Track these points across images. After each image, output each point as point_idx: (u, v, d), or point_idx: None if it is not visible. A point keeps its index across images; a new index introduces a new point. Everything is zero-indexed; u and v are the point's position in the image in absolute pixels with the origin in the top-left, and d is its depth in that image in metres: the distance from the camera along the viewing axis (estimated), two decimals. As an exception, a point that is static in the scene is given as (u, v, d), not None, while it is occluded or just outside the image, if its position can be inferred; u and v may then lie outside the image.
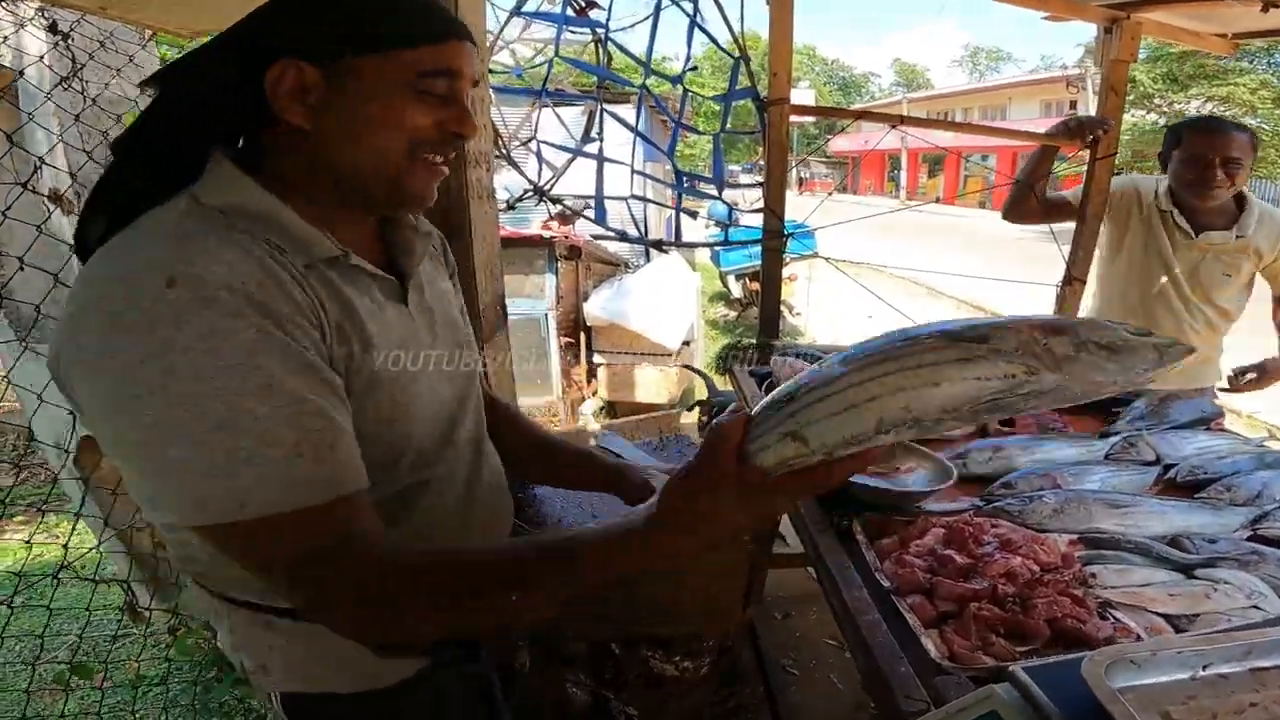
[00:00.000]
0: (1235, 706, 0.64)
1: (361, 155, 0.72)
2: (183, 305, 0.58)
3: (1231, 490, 1.26)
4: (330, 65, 0.69)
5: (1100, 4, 2.10)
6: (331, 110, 0.70)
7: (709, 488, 0.60)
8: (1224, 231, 2.00)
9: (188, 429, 0.58)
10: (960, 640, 0.90)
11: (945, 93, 33.36)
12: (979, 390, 0.54)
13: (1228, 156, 1.90)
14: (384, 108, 0.71)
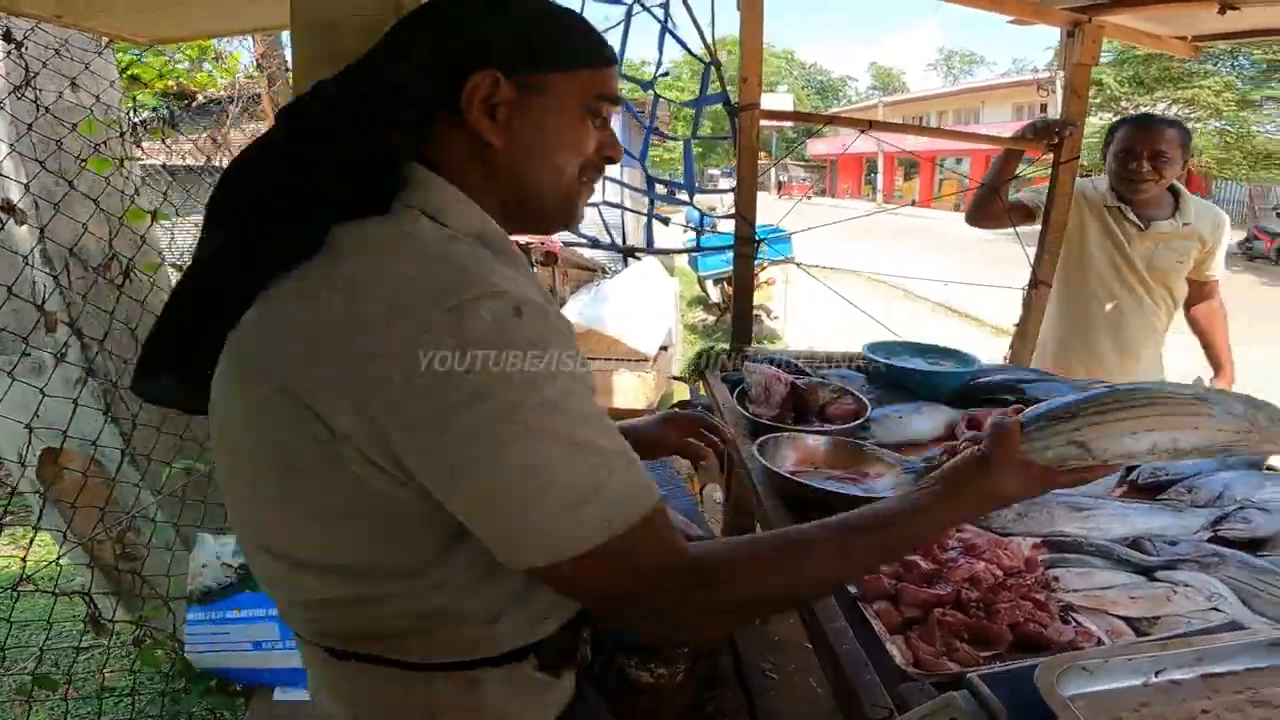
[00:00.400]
0: (1187, 713, 0.65)
1: (544, 171, 0.73)
2: (540, 330, 0.58)
3: (1193, 492, 1.29)
4: (523, 80, 0.69)
5: (1063, 7, 2.13)
6: (518, 125, 0.70)
7: (998, 471, 0.75)
8: (1170, 220, 2.12)
9: (562, 456, 0.57)
10: (925, 646, 0.90)
11: (920, 96, 33.88)
12: (1218, 438, 0.77)
13: (1155, 150, 2.01)
14: (567, 125, 0.73)
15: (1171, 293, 2.19)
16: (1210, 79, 14.38)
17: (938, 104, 31.08)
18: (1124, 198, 2.13)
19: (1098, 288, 2.20)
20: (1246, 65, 14.19)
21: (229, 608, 1.46)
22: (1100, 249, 2.18)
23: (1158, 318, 2.21)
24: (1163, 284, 2.17)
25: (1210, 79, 14.38)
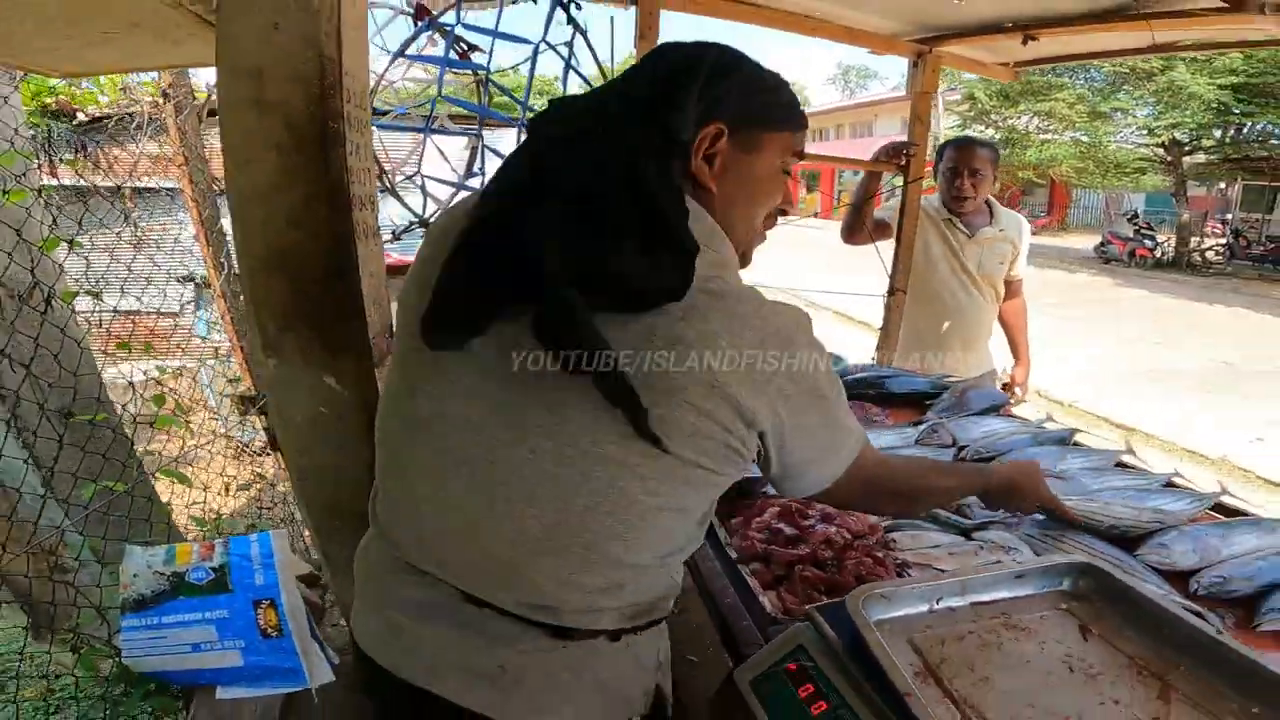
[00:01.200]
0: (959, 633, 0.88)
1: (743, 217, 0.84)
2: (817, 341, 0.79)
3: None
4: (746, 135, 0.79)
5: (908, 39, 2.46)
6: (730, 174, 0.80)
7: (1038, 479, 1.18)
8: (989, 227, 2.50)
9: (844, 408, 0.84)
10: (790, 598, 1.12)
11: (819, 110, 35.46)
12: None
13: (973, 168, 2.38)
14: (766, 178, 0.84)
15: (996, 291, 2.57)
16: (1064, 92, 15.50)
17: (836, 117, 32.68)
18: (953, 210, 2.49)
19: (941, 290, 2.55)
20: (1098, 78, 15.31)
21: (164, 613, 1.50)
22: (940, 257, 2.53)
23: (988, 313, 2.58)
24: (990, 284, 2.53)
25: (1064, 92, 15.50)
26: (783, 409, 0.75)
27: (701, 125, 0.76)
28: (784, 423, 0.76)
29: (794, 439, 0.79)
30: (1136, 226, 16.70)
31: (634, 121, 0.73)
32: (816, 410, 0.79)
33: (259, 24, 1.23)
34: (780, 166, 0.85)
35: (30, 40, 1.37)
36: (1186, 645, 0.81)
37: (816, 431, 0.81)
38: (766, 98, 0.82)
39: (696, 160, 0.77)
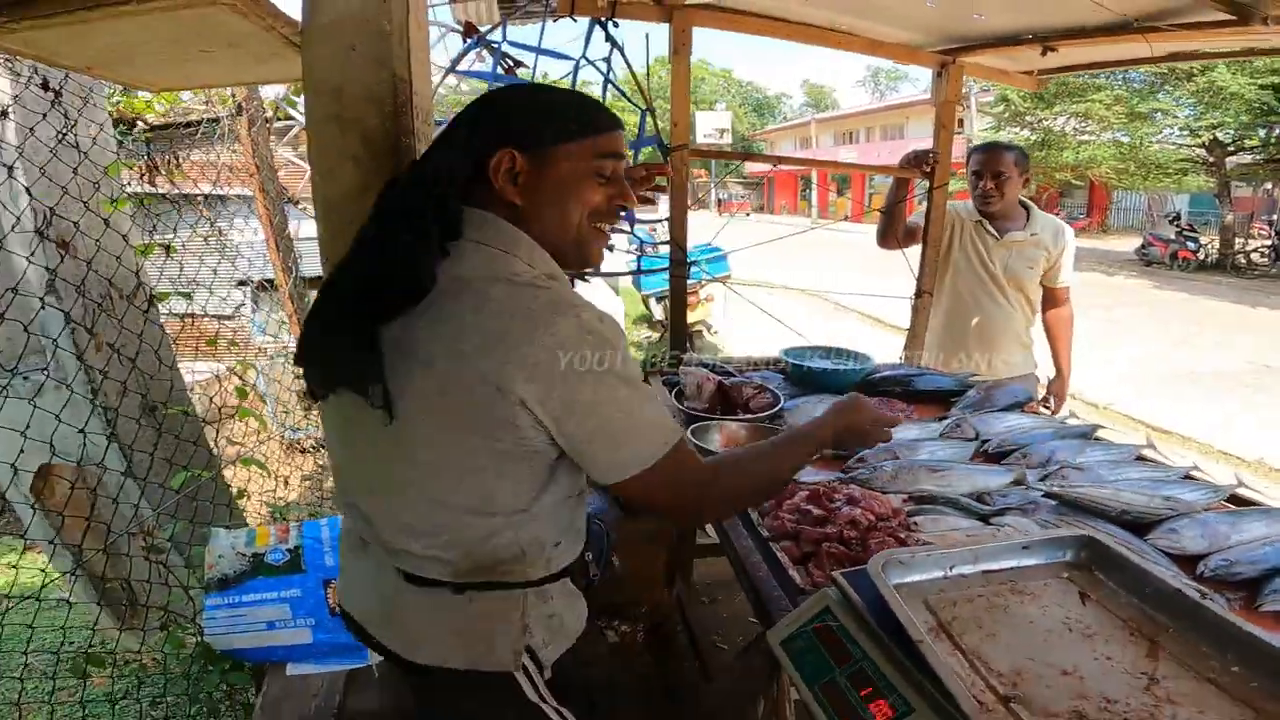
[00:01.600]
0: (969, 596, 0.97)
1: (557, 223, 0.95)
2: (614, 328, 0.89)
3: (1027, 457, 1.64)
4: (536, 153, 0.92)
5: (931, 51, 2.53)
6: (535, 188, 0.93)
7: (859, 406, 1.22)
8: (1021, 231, 2.52)
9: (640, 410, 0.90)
10: (817, 572, 1.21)
11: (849, 113, 35.23)
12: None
13: (995, 170, 2.43)
14: (574, 184, 0.95)
15: (1026, 296, 2.57)
16: (1102, 93, 15.25)
17: (865, 120, 32.41)
18: (983, 213, 2.54)
19: (964, 292, 2.59)
20: (1136, 79, 15.04)
21: (244, 592, 1.66)
22: (966, 259, 2.57)
23: (1014, 319, 2.58)
24: (1017, 288, 2.54)
25: (1102, 93, 15.25)
26: (547, 384, 0.84)
27: (489, 153, 0.91)
28: (553, 397, 0.85)
29: (571, 416, 0.87)
30: (1179, 228, 16.28)
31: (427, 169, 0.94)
32: (594, 390, 0.86)
33: (338, 47, 1.38)
34: (588, 171, 0.95)
35: (136, 58, 1.54)
36: (1175, 611, 0.89)
37: (599, 411, 0.88)
38: (552, 118, 0.95)
39: (498, 182, 0.92)
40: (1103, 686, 0.80)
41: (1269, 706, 0.76)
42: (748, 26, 2.26)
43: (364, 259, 0.93)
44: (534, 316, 0.84)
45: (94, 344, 1.83)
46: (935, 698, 0.77)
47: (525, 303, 0.86)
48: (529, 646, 0.97)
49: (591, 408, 0.87)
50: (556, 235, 0.96)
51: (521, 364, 0.83)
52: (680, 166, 2.40)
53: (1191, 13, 1.65)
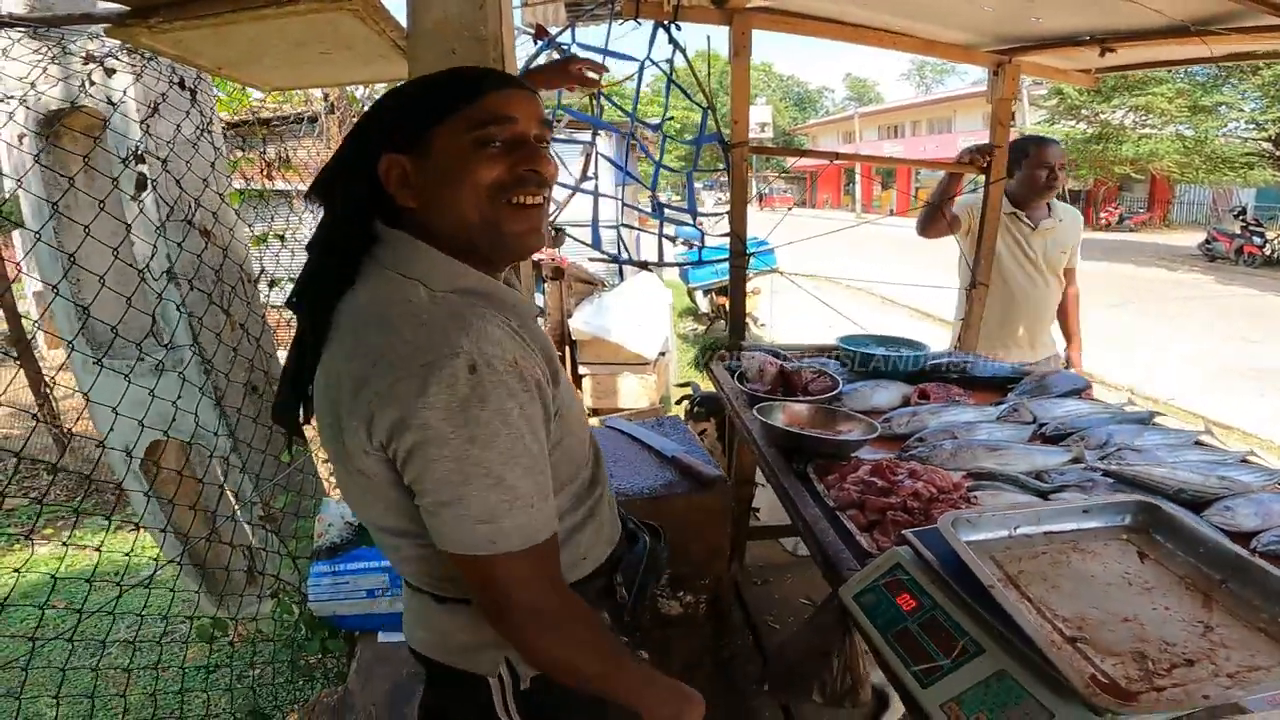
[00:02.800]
0: (1033, 553, 1.05)
1: (453, 213, 0.83)
2: (484, 387, 0.74)
3: (1085, 439, 1.69)
4: (414, 148, 0.83)
5: (987, 50, 2.57)
6: (424, 184, 0.83)
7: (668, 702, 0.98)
8: (1049, 219, 2.70)
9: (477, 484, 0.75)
10: (883, 538, 1.30)
11: (893, 107, 34.57)
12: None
13: (1061, 164, 2.61)
14: (458, 164, 0.82)
15: (1059, 278, 2.76)
16: (1164, 86, 14.83)
17: (912, 114, 31.80)
18: (1017, 204, 2.68)
19: (1009, 280, 2.73)
20: (1199, 73, 14.65)
21: (349, 560, 1.78)
22: (1007, 249, 2.71)
23: (1052, 300, 2.78)
24: (1054, 271, 2.73)
25: (1164, 86, 14.83)
26: (401, 429, 0.74)
27: (377, 165, 0.83)
28: (405, 444, 0.75)
29: (417, 467, 0.76)
30: (1244, 223, 15.60)
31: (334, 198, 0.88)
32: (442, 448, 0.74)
33: (440, 49, 1.52)
34: (469, 143, 0.83)
35: (264, 58, 1.70)
36: (1228, 567, 0.96)
37: (444, 468, 0.75)
38: (417, 105, 0.85)
39: (392, 190, 0.84)
40: (1161, 632, 0.87)
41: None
42: (805, 28, 2.33)
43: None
44: (395, 366, 0.75)
45: (228, 325, 2.02)
46: (1005, 638, 0.85)
47: (392, 348, 0.76)
48: (508, 658, 0.94)
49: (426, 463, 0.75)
50: (457, 227, 0.85)
51: (371, 417, 0.76)
52: (740, 163, 2.49)
53: (1246, 17, 1.68)
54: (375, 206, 0.86)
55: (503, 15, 1.59)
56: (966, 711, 0.83)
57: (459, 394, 0.73)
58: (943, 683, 0.88)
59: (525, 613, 0.82)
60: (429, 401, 0.73)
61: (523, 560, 0.80)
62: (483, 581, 0.81)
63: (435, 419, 0.73)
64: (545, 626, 0.83)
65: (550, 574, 0.85)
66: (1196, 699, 0.73)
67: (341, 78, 2.17)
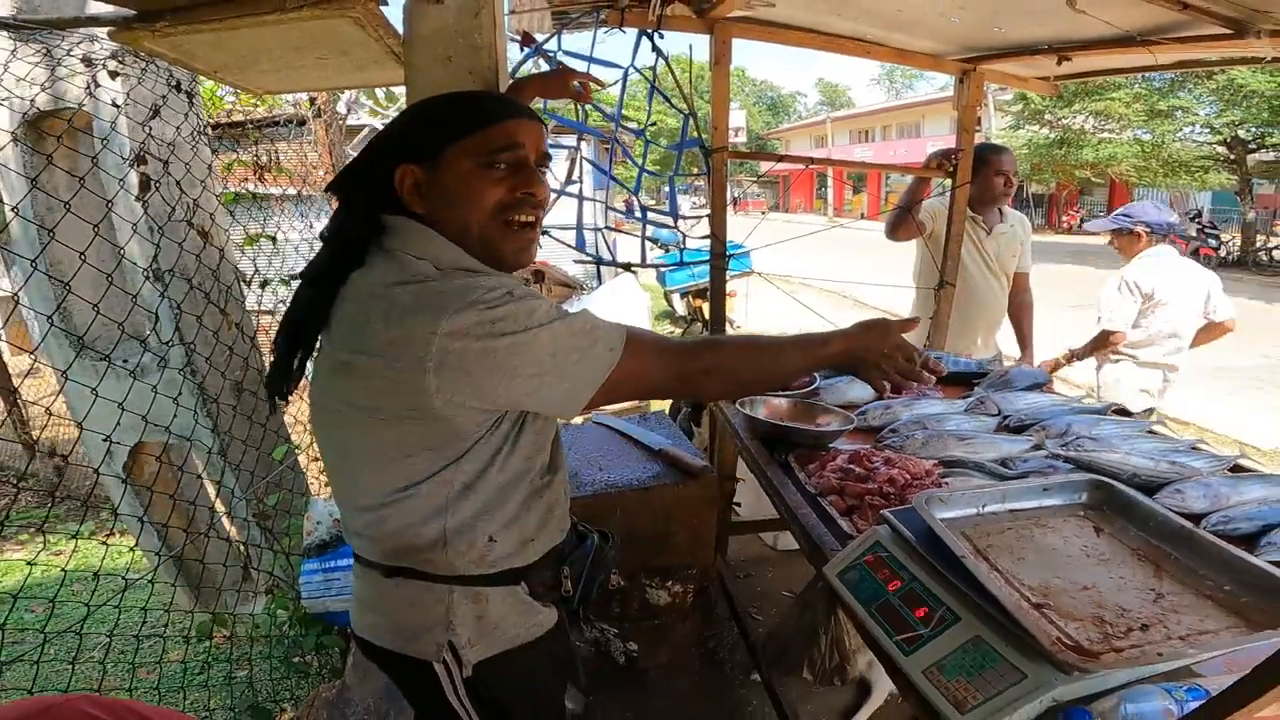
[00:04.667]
0: (999, 529, 1.14)
1: (459, 225, 0.94)
2: (524, 295, 0.89)
3: (1045, 429, 1.80)
4: (430, 161, 0.94)
5: (953, 59, 2.69)
6: (434, 195, 0.95)
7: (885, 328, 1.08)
8: (1001, 224, 2.88)
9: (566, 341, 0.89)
10: (862, 521, 1.38)
11: (864, 111, 35.14)
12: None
13: (1015, 170, 2.80)
14: (468, 183, 0.93)
15: (1009, 280, 2.94)
16: (1121, 91, 15.26)
17: (882, 118, 32.32)
18: (976, 210, 2.83)
19: (969, 282, 2.88)
20: (1156, 79, 15.03)
21: (339, 557, 1.81)
22: (966, 252, 2.86)
23: (1004, 302, 2.96)
24: (1005, 274, 2.91)
25: (1121, 91, 15.26)
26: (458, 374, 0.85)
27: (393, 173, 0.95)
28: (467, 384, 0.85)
29: (498, 390, 0.87)
30: (1200, 225, 16.18)
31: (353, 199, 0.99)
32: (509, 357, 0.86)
33: (436, 56, 1.56)
34: (479, 164, 0.94)
35: (261, 62, 1.73)
36: (1175, 540, 1.06)
37: (525, 371, 0.87)
38: (437, 124, 0.96)
39: (405, 197, 0.95)
40: (1118, 599, 0.96)
41: (1256, 616, 0.91)
42: (783, 38, 2.42)
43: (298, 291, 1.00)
44: (427, 311, 0.84)
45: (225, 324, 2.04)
46: (978, 606, 0.93)
47: (416, 300, 0.86)
48: (451, 642, 0.98)
49: (515, 372, 0.87)
50: (460, 238, 0.95)
51: (423, 360, 0.84)
52: (720, 167, 2.57)
53: (1192, 27, 1.80)
54: (386, 205, 0.97)
55: (497, 24, 1.64)
56: (947, 676, 0.89)
57: (505, 307, 0.86)
58: (923, 650, 0.95)
59: (689, 364, 0.97)
60: (496, 314, 0.85)
61: (641, 343, 0.94)
62: (640, 369, 0.94)
63: (508, 324, 0.85)
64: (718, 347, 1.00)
65: (655, 339, 0.99)
66: (1152, 657, 0.82)
67: (335, 82, 2.20)
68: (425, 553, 0.97)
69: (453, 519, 0.96)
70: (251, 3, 1.35)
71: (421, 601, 0.99)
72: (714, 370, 1.00)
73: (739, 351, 1.04)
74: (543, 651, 1.07)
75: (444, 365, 0.84)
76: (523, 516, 1.02)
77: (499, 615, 1.02)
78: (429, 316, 0.84)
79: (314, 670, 1.96)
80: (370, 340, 0.87)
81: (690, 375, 0.98)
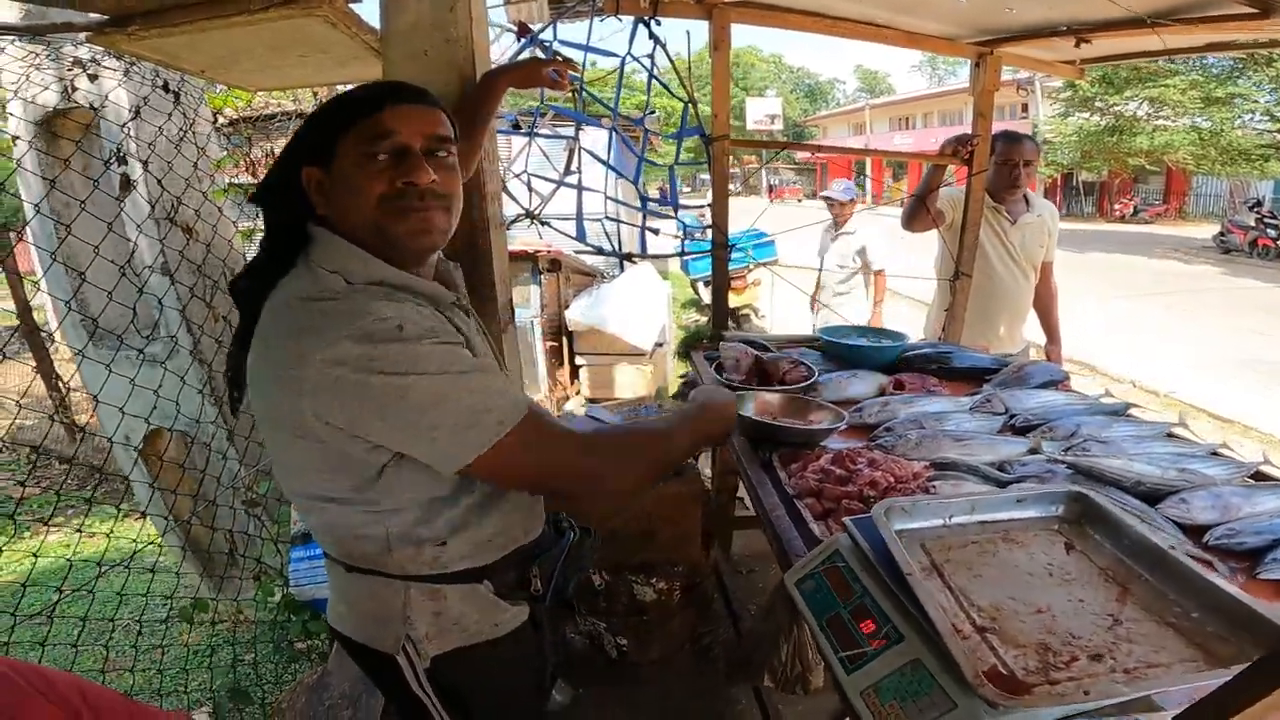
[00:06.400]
0: (962, 542, 1.07)
1: (352, 219, 0.94)
2: (416, 331, 0.86)
3: (1052, 430, 1.70)
4: (325, 160, 0.94)
5: (969, 42, 2.57)
6: (331, 193, 0.95)
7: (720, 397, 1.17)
8: (1028, 213, 2.73)
9: (452, 398, 0.85)
10: (836, 526, 1.32)
11: (904, 99, 34.23)
12: None
13: (1026, 160, 2.63)
14: (352, 177, 0.92)
15: (1036, 272, 2.81)
16: (1175, 78, 14.67)
17: (923, 105, 31.48)
18: (997, 199, 2.70)
19: (991, 273, 2.75)
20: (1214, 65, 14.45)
21: None
22: (988, 242, 2.73)
23: (1029, 293, 2.82)
24: (1031, 265, 2.77)
25: (1175, 78, 14.67)
26: (329, 399, 0.84)
27: (299, 177, 0.95)
28: (341, 411, 0.84)
29: (369, 424, 0.85)
30: (1259, 215, 15.39)
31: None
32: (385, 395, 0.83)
33: (413, 51, 1.56)
34: (362, 156, 0.92)
35: (241, 61, 1.75)
36: (1148, 560, 0.97)
37: (398, 414, 0.84)
38: (325, 122, 0.95)
39: (314, 200, 0.95)
40: (1070, 624, 0.88)
41: (1220, 649, 0.83)
42: (784, 21, 2.34)
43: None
44: (314, 333, 0.84)
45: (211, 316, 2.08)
46: (924, 627, 0.86)
47: (310, 320, 0.85)
48: (409, 635, 1.00)
49: (384, 412, 0.84)
50: (355, 231, 0.94)
51: (302, 383, 0.83)
52: (720, 156, 2.51)
53: (1217, 6, 1.69)
54: (309, 211, 0.97)
55: (473, 16, 1.61)
56: (881, 699, 0.84)
57: (391, 336, 0.83)
58: (865, 669, 0.89)
59: (574, 460, 0.94)
60: (377, 351, 0.82)
61: (532, 424, 0.90)
62: (522, 467, 0.91)
63: (387, 364, 0.82)
64: (597, 456, 0.96)
65: (555, 424, 0.96)
66: (1078, 696, 0.74)
67: (322, 78, 2.21)
68: (374, 556, 0.98)
69: (394, 527, 0.96)
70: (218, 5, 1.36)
71: (379, 596, 1.00)
72: (607, 475, 0.97)
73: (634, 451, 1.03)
74: (507, 649, 1.07)
75: (320, 389, 0.83)
76: (475, 522, 1.00)
77: (459, 612, 1.02)
78: (313, 340, 0.83)
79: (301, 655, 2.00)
80: (270, 353, 0.88)
81: (586, 475, 0.96)
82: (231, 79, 1.88)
